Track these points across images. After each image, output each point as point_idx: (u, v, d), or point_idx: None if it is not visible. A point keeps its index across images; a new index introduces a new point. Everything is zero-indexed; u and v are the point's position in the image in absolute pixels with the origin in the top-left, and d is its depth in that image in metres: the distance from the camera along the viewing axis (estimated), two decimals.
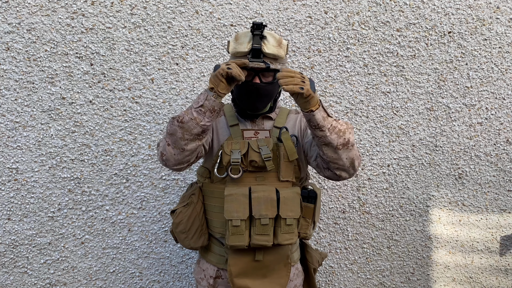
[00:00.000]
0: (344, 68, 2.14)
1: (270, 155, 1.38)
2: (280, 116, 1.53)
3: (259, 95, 1.41)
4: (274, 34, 1.39)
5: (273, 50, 1.36)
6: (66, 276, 2.10)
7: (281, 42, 1.39)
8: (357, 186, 2.21)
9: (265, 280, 1.42)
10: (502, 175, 2.24)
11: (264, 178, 1.42)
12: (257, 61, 1.35)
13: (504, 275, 2.31)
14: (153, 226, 2.12)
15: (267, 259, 1.43)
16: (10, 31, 1.96)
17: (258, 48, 1.33)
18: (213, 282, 1.52)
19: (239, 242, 1.36)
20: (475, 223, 2.27)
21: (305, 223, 1.47)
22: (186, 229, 1.48)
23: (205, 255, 1.56)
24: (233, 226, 1.36)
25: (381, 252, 2.26)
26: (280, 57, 1.38)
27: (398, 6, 2.13)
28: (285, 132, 1.42)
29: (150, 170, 2.09)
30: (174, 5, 2.03)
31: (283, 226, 1.37)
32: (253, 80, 1.40)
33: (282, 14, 2.09)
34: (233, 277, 1.40)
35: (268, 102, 1.47)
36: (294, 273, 1.54)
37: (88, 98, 2.03)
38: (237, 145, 1.40)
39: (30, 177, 2.02)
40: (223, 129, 1.51)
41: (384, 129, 2.18)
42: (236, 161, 1.37)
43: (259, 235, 1.36)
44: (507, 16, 2.17)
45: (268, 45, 1.35)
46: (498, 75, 2.20)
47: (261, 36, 1.34)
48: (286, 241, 1.38)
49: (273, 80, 1.42)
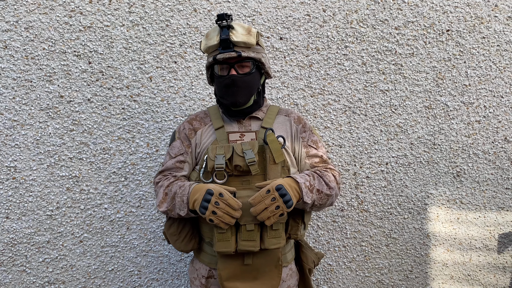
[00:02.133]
0: (342, 66, 2.14)
1: (255, 159, 1.35)
2: (269, 116, 1.50)
3: (237, 87, 1.38)
4: (242, 23, 1.38)
5: (242, 38, 1.34)
6: (64, 275, 2.10)
7: (250, 30, 1.37)
8: (355, 184, 2.21)
9: (256, 282, 1.40)
10: (500, 173, 2.25)
11: (250, 181, 1.39)
12: (228, 51, 1.34)
13: (502, 272, 2.31)
14: (151, 225, 2.12)
15: (257, 262, 1.41)
16: (8, 29, 1.95)
17: (226, 38, 1.32)
18: (205, 282, 1.51)
19: (226, 249, 1.34)
20: (473, 221, 2.27)
21: (295, 224, 1.44)
22: (177, 232, 1.47)
23: (198, 255, 1.56)
24: (218, 233, 1.34)
25: (379, 250, 2.26)
26: (251, 44, 1.36)
27: (397, 4, 2.13)
28: (271, 134, 1.39)
29: (149, 168, 2.09)
30: (172, 3, 2.03)
31: (270, 231, 1.35)
32: (229, 73, 1.38)
33: (280, 12, 2.09)
34: (223, 280, 1.39)
35: (250, 95, 1.43)
36: (288, 274, 1.52)
37: (86, 96, 2.03)
38: (222, 149, 1.37)
39: (28, 175, 2.02)
40: (208, 134, 1.48)
41: (382, 127, 2.19)
42: (220, 167, 1.34)
43: (245, 241, 1.34)
44: (505, 14, 2.17)
45: (236, 33, 1.34)
46: (496, 73, 2.20)
47: (228, 26, 1.33)
48: (273, 245, 1.35)
49: (250, 70, 1.39)
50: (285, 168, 1.43)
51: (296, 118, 1.54)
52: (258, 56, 1.40)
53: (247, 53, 1.36)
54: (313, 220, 2.22)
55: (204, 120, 1.53)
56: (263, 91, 1.53)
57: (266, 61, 1.45)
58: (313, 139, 1.53)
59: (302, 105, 2.14)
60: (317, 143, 1.53)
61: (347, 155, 2.19)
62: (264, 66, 1.44)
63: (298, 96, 2.14)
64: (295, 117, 1.55)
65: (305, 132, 1.53)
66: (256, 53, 1.39)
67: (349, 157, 2.19)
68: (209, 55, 1.42)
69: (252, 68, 1.40)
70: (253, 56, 1.38)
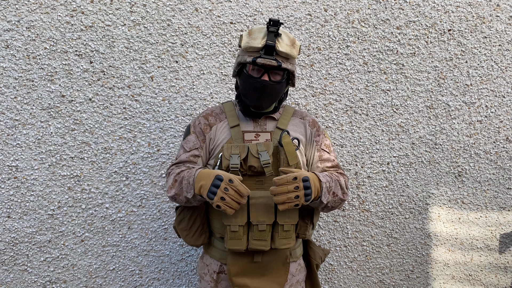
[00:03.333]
0: (344, 66, 2.14)
1: (269, 161, 1.36)
2: (284, 117, 1.52)
3: (265, 93, 1.40)
4: (288, 33, 1.38)
5: (286, 49, 1.35)
6: (66, 274, 2.10)
7: (294, 42, 1.38)
8: (356, 184, 2.21)
9: (263, 278, 1.44)
10: (502, 173, 2.25)
11: (263, 182, 1.41)
12: (270, 58, 1.34)
13: (504, 272, 2.31)
14: (153, 224, 2.12)
15: (266, 260, 1.44)
16: (10, 28, 1.95)
17: (272, 45, 1.32)
18: (216, 277, 1.53)
19: (237, 246, 1.37)
20: (475, 221, 2.27)
21: (304, 225, 1.47)
22: (187, 227, 1.50)
23: (208, 250, 1.57)
24: (231, 231, 1.37)
25: (380, 250, 2.26)
26: (292, 57, 1.37)
27: (398, 4, 2.13)
28: (286, 136, 1.40)
29: (150, 168, 2.09)
30: (173, 2, 2.03)
31: (281, 232, 1.38)
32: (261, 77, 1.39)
33: (281, 12, 2.09)
34: (232, 276, 1.42)
35: (273, 101, 1.45)
36: (297, 269, 1.55)
37: (88, 96, 2.03)
38: (237, 149, 1.39)
39: (29, 175, 2.02)
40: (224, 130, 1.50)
41: (384, 127, 2.18)
42: (235, 167, 1.36)
43: (256, 240, 1.37)
44: (507, 14, 2.16)
45: (282, 43, 1.34)
46: (498, 73, 2.19)
47: (276, 33, 1.33)
48: (283, 245, 1.39)
49: (281, 79, 1.41)
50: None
51: (311, 121, 1.57)
52: (293, 68, 1.42)
53: (286, 65, 1.37)
54: None
55: (219, 116, 1.54)
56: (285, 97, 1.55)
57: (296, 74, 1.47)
58: (326, 143, 1.55)
59: (304, 105, 2.14)
60: (330, 147, 1.55)
61: (348, 155, 2.19)
62: (294, 78, 1.47)
63: (299, 96, 2.14)
64: (310, 120, 1.57)
65: (319, 136, 1.55)
66: (292, 65, 1.41)
67: (351, 156, 2.19)
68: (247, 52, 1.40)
69: (284, 77, 1.42)
70: (290, 68, 1.39)
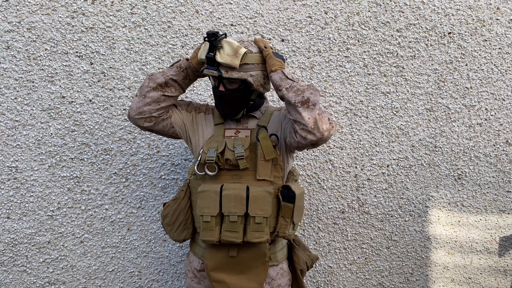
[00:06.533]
0: (344, 69, 2.14)
1: (243, 154, 1.42)
2: (265, 115, 1.57)
3: (225, 102, 1.47)
4: (233, 42, 1.38)
5: (226, 59, 1.37)
6: (65, 275, 2.10)
7: (237, 51, 1.37)
8: (356, 186, 2.21)
9: (242, 276, 1.47)
10: (502, 176, 2.24)
11: (240, 176, 1.47)
12: (212, 68, 1.40)
13: (503, 276, 2.31)
14: (152, 226, 2.12)
15: (242, 256, 1.47)
16: (10, 29, 1.96)
17: (211, 57, 1.38)
18: (198, 275, 1.58)
19: (210, 237, 1.42)
20: (474, 224, 2.27)
21: (284, 223, 1.47)
22: (171, 222, 1.55)
23: (192, 247, 1.62)
24: (204, 221, 1.42)
25: (380, 253, 2.26)
26: (234, 66, 1.38)
27: (398, 7, 2.13)
28: (263, 131, 1.45)
29: (150, 169, 2.09)
30: (174, 4, 2.04)
31: (252, 224, 1.41)
32: (218, 87, 1.46)
33: (282, 14, 2.09)
34: (209, 270, 1.46)
35: (239, 109, 1.49)
36: (278, 273, 1.56)
37: (88, 97, 2.03)
38: (215, 143, 1.47)
39: (29, 175, 2.02)
40: (209, 128, 1.57)
41: (383, 130, 2.19)
42: (210, 159, 1.43)
43: (228, 232, 1.41)
44: (507, 17, 2.17)
45: (222, 54, 1.38)
46: (498, 76, 2.20)
47: (216, 45, 1.38)
48: (255, 239, 1.41)
49: (238, 87, 1.44)
50: (277, 166, 1.48)
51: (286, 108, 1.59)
52: (243, 76, 1.41)
53: (229, 74, 1.40)
54: (314, 222, 2.22)
55: (210, 110, 1.64)
56: (261, 96, 1.57)
57: (257, 79, 1.44)
58: None
59: None
60: None
61: (348, 157, 2.19)
62: (252, 85, 1.44)
63: None
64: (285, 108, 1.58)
65: None
66: (241, 73, 1.41)
67: (350, 159, 2.19)
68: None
69: (241, 84, 1.45)
70: (236, 77, 1.40)
